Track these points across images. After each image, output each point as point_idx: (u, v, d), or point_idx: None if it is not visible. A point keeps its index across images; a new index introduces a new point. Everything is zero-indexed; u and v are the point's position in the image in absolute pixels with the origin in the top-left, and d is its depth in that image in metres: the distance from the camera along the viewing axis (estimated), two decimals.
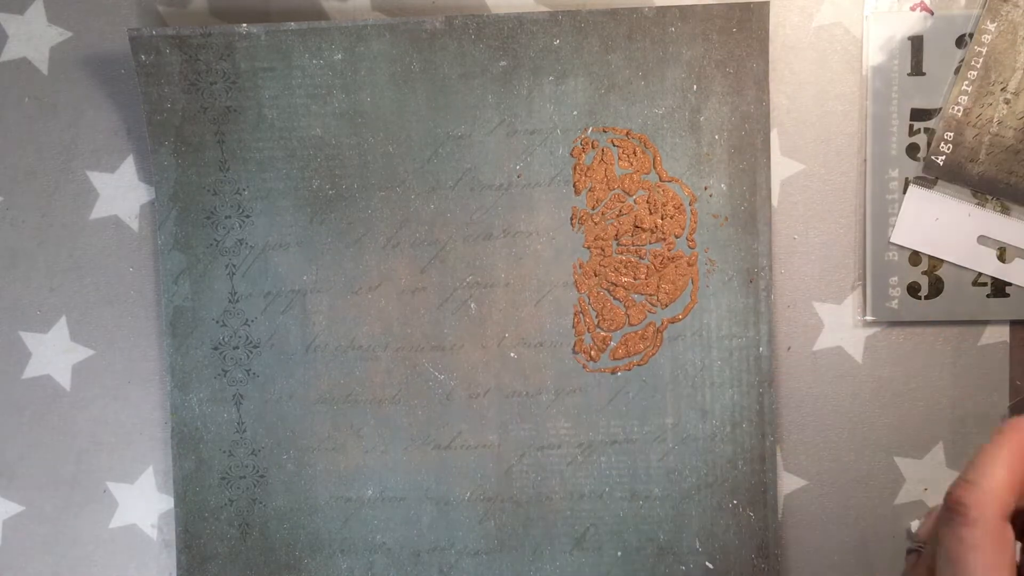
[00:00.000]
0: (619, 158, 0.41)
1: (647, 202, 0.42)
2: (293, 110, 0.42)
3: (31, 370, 0.45)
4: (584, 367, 0.42)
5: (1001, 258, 0.42)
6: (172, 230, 0.42)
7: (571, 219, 0.42)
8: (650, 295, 0.42)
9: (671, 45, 0.41)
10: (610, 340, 0.42)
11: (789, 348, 0.44)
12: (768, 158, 0.41)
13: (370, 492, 0.43)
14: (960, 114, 0.41)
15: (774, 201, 0.43)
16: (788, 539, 0.44)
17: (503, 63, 0.41)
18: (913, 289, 0.43)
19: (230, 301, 0.42)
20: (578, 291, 0.42)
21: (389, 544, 0.43)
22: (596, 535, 0.43)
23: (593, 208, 0.42)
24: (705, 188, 0.41)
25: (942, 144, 0.41)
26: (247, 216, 0.42)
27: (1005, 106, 0.40)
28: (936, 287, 0.43)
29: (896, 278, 0.43)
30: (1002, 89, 0.40)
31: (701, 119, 0.41)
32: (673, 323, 0.42)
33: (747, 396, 0.42)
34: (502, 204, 0.42)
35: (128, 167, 0.44)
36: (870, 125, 0.42)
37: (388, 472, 0.43)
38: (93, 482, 0.45)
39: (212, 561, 0.43)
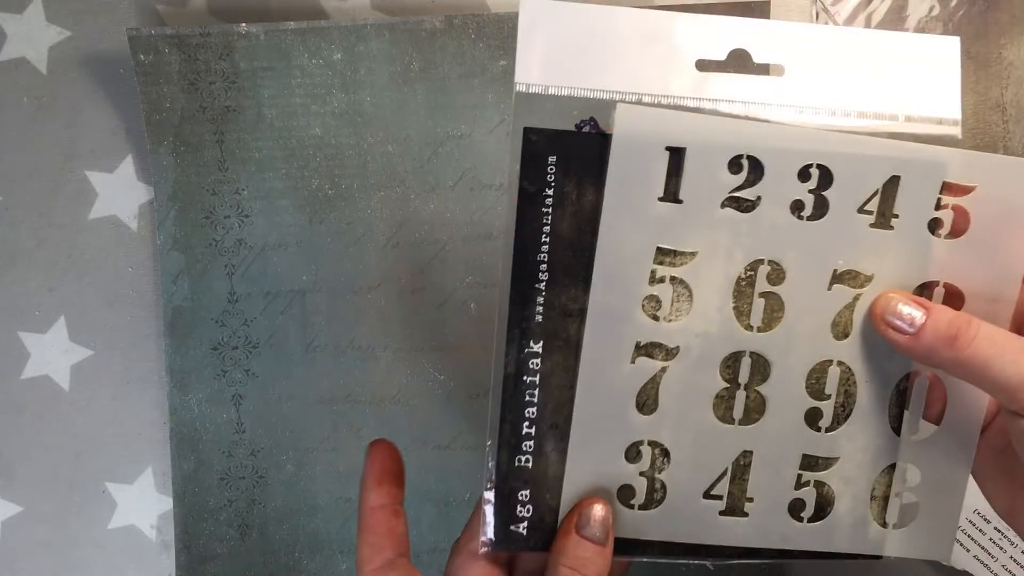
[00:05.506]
0: None
1: None
2: (292, 110, 0.41)
3: (30, 370, 0.45)
4: None
5: None
6: (171, 230, 0.42)
7: None
8: None
9: None
10: None
11: None
12: None
13: None
14: None
15: None
16: None
17: (503, 63, 0.41)
18: None
19: (229, 301, 0.42)
20: None
21: None
22: None
23: None
24: None
25: None
26: (246, 216, 0.42)
27: None
28: None
29: None
30: None
31: None
32: None
33: None
34: (502, 204, 0.42)
35: (127, 167, 0.44)
36: None
37: None
38: (92, 483, 0.45)
39: (211, 562, 0.43)
